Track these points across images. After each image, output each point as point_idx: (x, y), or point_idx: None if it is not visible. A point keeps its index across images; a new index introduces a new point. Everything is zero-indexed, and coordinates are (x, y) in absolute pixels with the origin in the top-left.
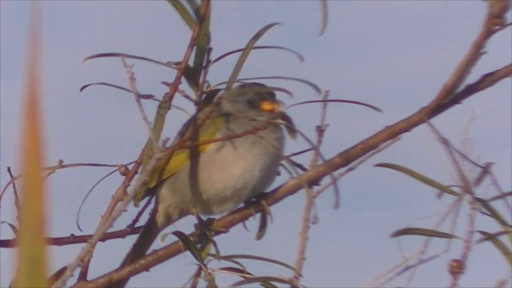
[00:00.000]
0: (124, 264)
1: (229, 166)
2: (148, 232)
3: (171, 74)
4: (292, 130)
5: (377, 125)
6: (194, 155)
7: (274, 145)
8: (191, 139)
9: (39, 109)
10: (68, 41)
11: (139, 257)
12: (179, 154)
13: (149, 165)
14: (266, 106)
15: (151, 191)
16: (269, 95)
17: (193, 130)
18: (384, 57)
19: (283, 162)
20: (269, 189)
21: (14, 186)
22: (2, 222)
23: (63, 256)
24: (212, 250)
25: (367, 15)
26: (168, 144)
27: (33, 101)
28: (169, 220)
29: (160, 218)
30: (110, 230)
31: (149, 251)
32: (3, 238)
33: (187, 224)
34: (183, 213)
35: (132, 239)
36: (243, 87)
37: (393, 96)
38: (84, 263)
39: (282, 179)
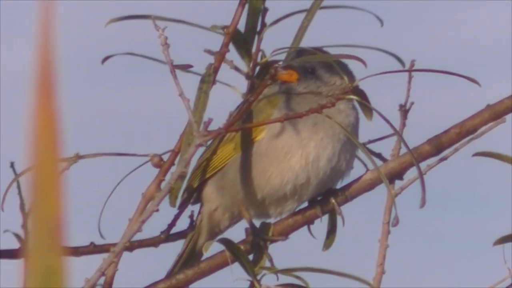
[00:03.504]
0: (161, 280)
1: (286, 156)
2: (191, 245)
3: (216, 41)
4: (368, 109)
5: (475, 104)
6: (245, 145)
7: (344, 126)
8: (240, 122)
9: (53, 86)
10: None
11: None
12: (226, 145)
13: (188, 154)
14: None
15: (195, 191)
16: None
17: (243, 111)
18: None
19: (357, 150)
20: (339, 185)
21: (18, 186)
22: (5, 231)
23: (81, 269)
24: (267, 262)
25: None
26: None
27: (45, 76)
28: (217, 227)
29: (205, 225)
30: (140, 237)
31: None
32: (4, 248)
33: (236, 230)
34: (234, 218)
35: (167, 248)
36: (302, 54)
37: (492, 66)
38: (107, 278)
39: (355, 172)
